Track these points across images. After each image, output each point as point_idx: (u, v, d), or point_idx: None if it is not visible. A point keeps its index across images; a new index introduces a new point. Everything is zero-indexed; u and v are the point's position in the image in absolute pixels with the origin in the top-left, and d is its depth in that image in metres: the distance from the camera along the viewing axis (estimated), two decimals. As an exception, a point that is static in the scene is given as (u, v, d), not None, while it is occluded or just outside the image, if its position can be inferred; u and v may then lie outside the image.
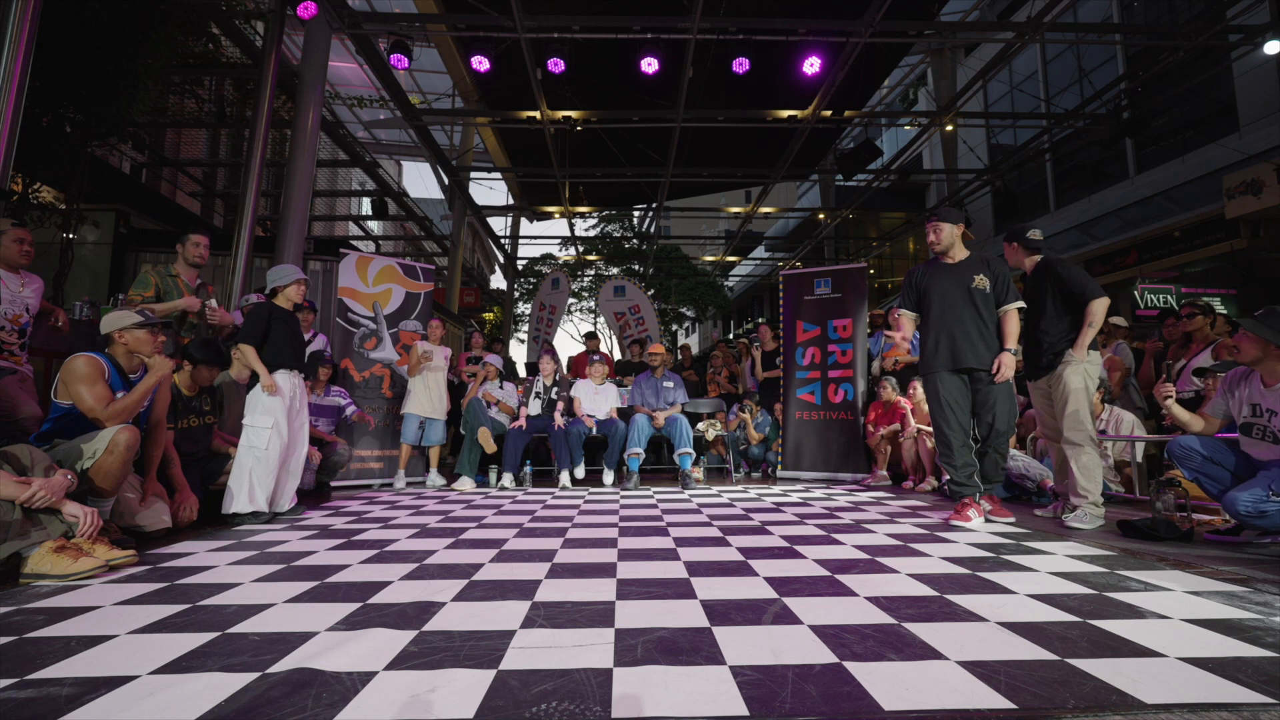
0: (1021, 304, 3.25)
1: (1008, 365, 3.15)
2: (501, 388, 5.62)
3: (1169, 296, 9.68)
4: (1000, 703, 1.12)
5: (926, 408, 4.91)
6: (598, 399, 5.51)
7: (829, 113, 8.15)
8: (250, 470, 3.20)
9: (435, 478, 5.25)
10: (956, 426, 3.24)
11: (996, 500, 3.30)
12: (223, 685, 1.21)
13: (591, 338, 7.96)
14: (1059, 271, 3.23)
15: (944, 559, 2.30)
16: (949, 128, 10.45)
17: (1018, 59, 10.85)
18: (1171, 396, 2.89)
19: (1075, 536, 2.77)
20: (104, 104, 4.97)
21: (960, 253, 3.38)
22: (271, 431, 3.25)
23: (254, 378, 3.33)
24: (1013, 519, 3.18)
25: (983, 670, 1.25)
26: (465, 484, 4.96)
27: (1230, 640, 1.42)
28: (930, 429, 4.74)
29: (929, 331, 3.35)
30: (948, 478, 4.36)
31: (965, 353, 3.21)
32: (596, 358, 5.88)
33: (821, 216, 14.52)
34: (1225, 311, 8.20)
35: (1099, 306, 3.10)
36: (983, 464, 3.29)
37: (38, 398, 3.35)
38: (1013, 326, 3.23)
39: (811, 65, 6.63)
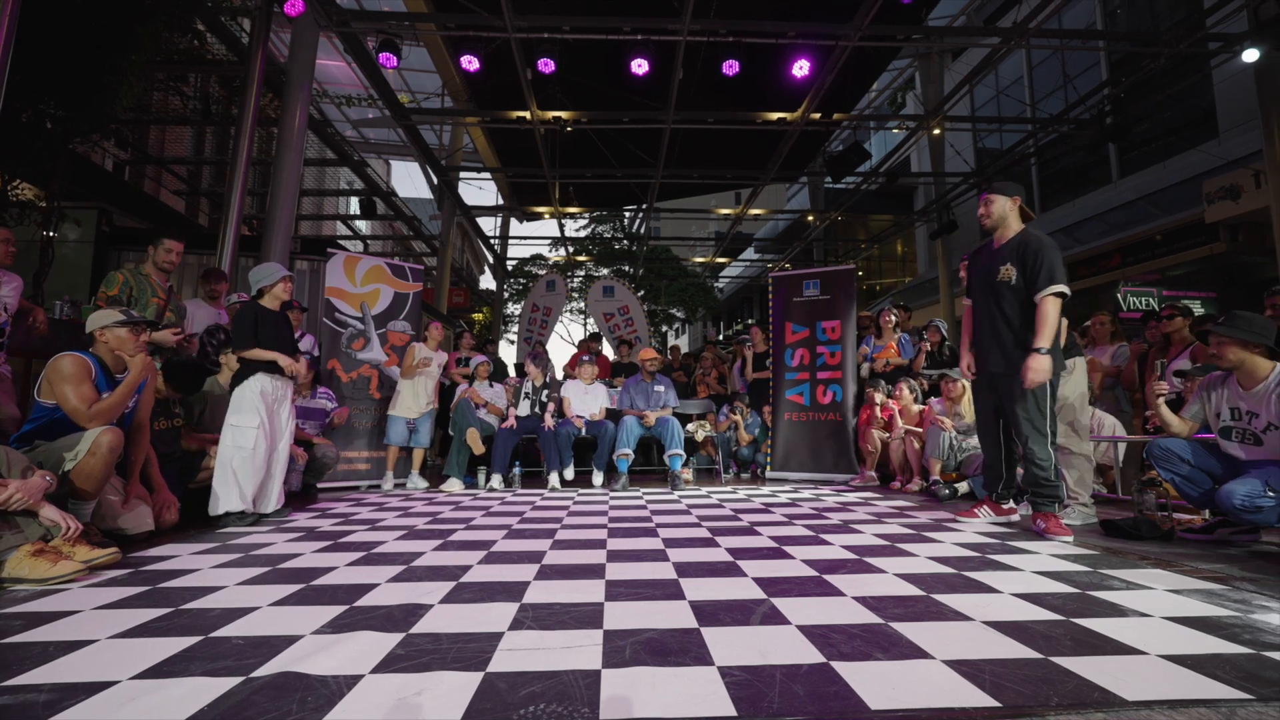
0: (1058, 288, 2.75)
1: (1034, 370, 2.71)
2: (491, 387, 5.59)
3: (1151, 299, 9.83)
4: (985, 701, 1.13)
5: (913, 409, 4.97)
6: (587, 399, 5.50)
7: (818, 115, 8.19)
8: (236, 470, 3.15)
9: (417, 479, 5.19)
10: (983, 431, 3.21)
11: (1052, 517, 2.83)
12: (206, 690, 1.20)
13: (594, 339, 7.94)
14: None
15: (931, 559, 2.32)
16: (936, 131, 10.54)
17: (1004, 64, 10.96)
18: (1164, 395, 2.92)
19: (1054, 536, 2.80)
20: (87, 100, 4.89)
21: (1009, 233, 2.99)
22: (257, 431, 3.22)
23: (236, 378, 3.30)
24: (1070, 537, 2.70)
25: (968, 669, 1.27)
26: (454, 485, 4.93)
27: (1209, 638, 1.45)
28: (917, 430, 4.78)
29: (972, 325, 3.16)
30: (934, 477, 4.43)
31: (992, 357, 2.98)
32: (586, 358, 5.86)
33: (810, 218, 14.59)
34: (1205, 312, 8.36)
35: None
36: (1026, 472, 2.99)
37: (16, 398, 3.29)
38: (1044, 319, 2.75)
39: (801, 68, 6.67)
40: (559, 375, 7.09)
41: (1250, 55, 6.45)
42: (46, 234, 5.24)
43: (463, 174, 12.49)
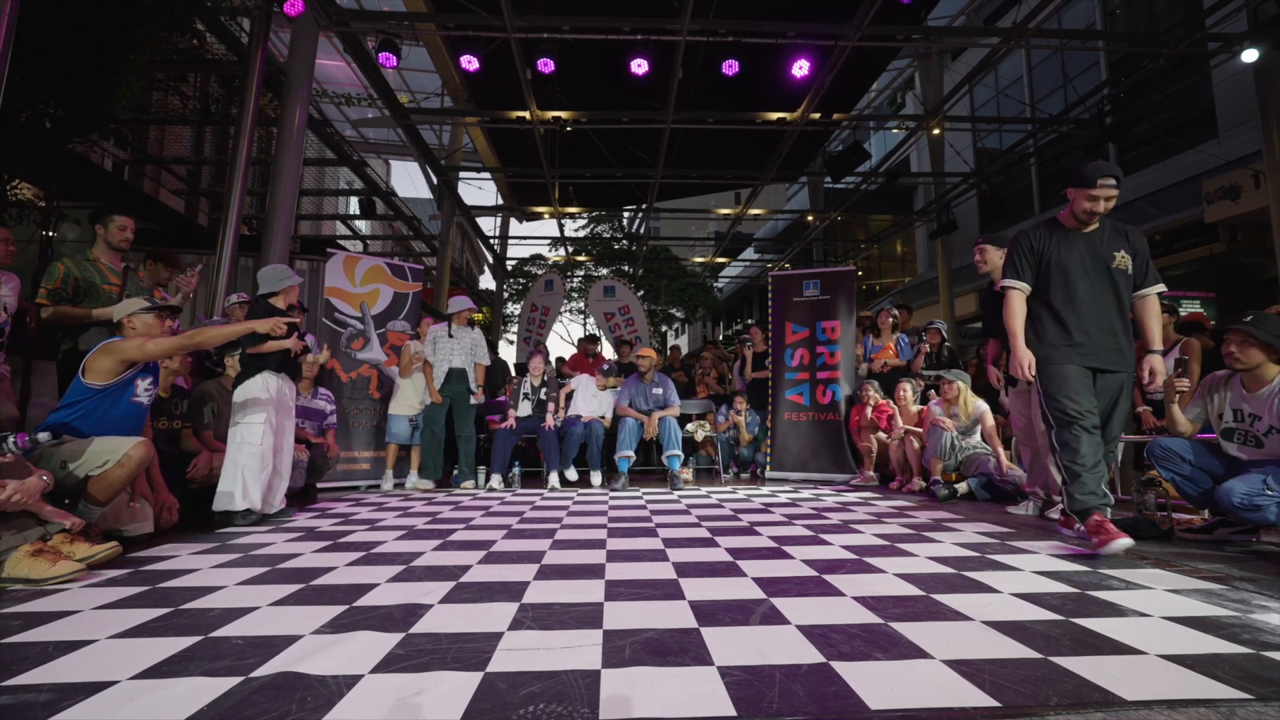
0: (1163, 287, 2.68)
1: (1160, 371, 2.61)
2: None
3: (1150, 299, 9.83)
4: (985, 701, 1.13)
5: (913, 409, 4.96)
6: (593, 401, 5.51)
7: (818, 115, 8.18)
8: (243, 467, 3.16)
9: (416, 479, 5.17)
10: (1091, 429, 2.52)
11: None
12: (205, 690, 1.20)
13: (593, 340, 7.94)
14: None
15: (930, 559, 2.32)
16: (936, 131, 10.54)
17: (1003, 64, 10.97)
18: (1184, 391, 2.84)
19: (1058, 535, 2.80)
20: (86, 101, 4.89)
21: (1095, 220, 2.71)
22: (264, 426, 3.22)
23: (240, 378, 3.30)
24: (1130, 541, 2.36)
25: (968, 669, 1.27)
26: (468, 484, 4.97)
27: (1208, 637, 1.45)
28: (917, 430, 4.77)
29: (1050, 311, 2.68)
30: (935, 478, 4.43)
31: (1105, 351, 2.59)
32: (606, 367, 5.91)
33: (810, 218, 14.59)
34: (1209, 313, 8.35)
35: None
36: None
37: (15, 399, 3.29)
38: (1159, 317, 2.68)
39: (800, 68, 6.66)
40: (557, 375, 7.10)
41: (1250, 55, 6.45)
42: (45, 234, 5.24)
43: (462, 174, 12.48)
